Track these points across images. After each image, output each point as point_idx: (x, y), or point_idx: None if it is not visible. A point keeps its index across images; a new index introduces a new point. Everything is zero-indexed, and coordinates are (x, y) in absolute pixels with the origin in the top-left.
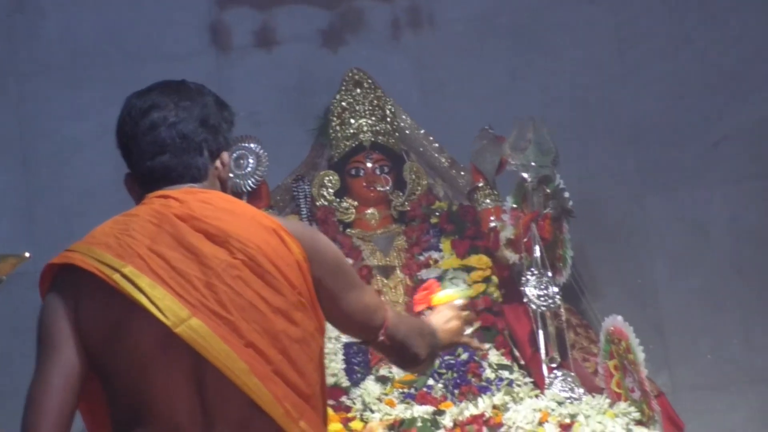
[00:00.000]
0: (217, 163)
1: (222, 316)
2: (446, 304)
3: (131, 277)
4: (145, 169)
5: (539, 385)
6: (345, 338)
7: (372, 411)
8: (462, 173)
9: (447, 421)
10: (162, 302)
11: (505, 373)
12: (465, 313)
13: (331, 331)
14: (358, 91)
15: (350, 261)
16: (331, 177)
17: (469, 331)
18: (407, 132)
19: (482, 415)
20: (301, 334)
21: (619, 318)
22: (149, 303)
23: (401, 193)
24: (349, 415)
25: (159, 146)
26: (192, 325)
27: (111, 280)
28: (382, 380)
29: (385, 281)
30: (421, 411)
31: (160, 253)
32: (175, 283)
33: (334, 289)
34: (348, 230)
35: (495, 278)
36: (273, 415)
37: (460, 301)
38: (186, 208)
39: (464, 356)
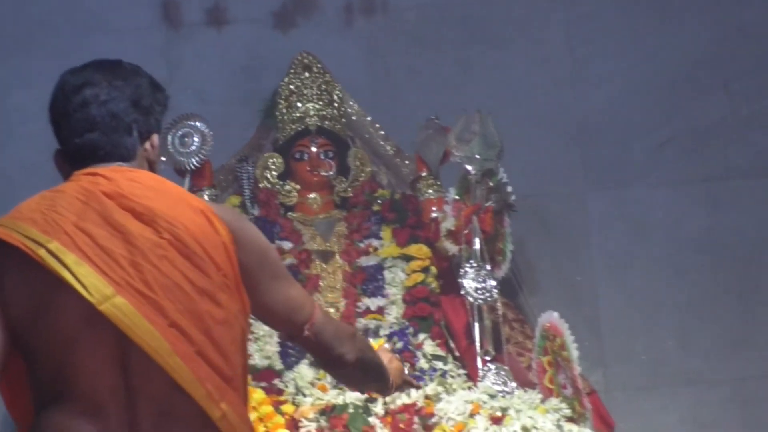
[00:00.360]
0: (147, 144)
1: (146, 295)
2: (381, 351)
3: (57, 253)
4: (74, 146)
5: (472, 377)
6: None
7: (304, 395)
8: (406, 162)
9: (378, 409)
10: (87, 279)
11: (439, 364)
12: (396, 356)
13: None
14: (307, 75)
15: (290, 245)
16: (275, 159)
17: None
18: (354, 118)
19: (414, 404)
20: (224, 316)
21: (555, 314)
22: (74, 280)
23: (344, 179)
24: (281, 398)
25: (88, 124)
26: (116, 303)
27: (36, 256)
28: (316, 365)
29: (324, 266)
30: (353, 398)
31: (86, 230)
32: (101, 261)
33: (259, 277)
34: (289, 213)
35: (434, 269)
36: (194, 396)
37: (386, 346)
38: (114, 186)
39: (399, 345)
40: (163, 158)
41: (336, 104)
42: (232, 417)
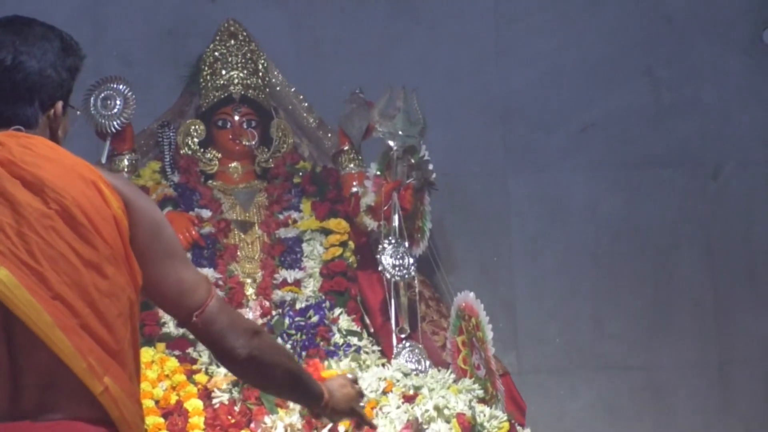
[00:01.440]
0: (51, 112)
1: (31, 266)
2: (338, 375)
3: None
4: None
5: (387, 354)
6: None
7: (218, 366)
8: (329, 135)
9: None
10: None
11: (354, 340)
12: (357, 386)
13: None
14: (233, 42)
15: (209, 213)
16: (197, 126)
17: (361, 403)
18: (278, 89)
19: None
20: (110, 288)
21: (471, 294)
22: None
23: (266, 150)
24: (194, 367)
25: None
26: None
27: None
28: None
29: (243, 236)
30: None
31: None
32: None
33: (150, 252)
34: (210, 182)
35: (352, 243)
36: (75, 369)
37: (350, 375)
38: (6, 152)
39: (315, 319)
40: (82, 117)
41: (260, 74)
42: (116, 391)
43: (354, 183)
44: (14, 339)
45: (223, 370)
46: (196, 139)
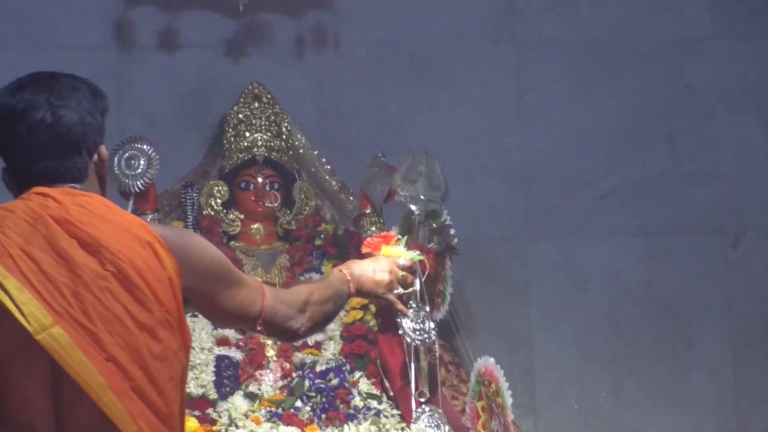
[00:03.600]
0: (95, 158)
1: (86, 326)
2: (390, 258)
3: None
4: (25, 172)
5: (406, 418)
6: (218, 350)
7: (237, 427)
8: (351, 198)
9: None
10: (26, 307)
11: (374, 403)
12: (402, 273)
13: (204, 342)
14: (257, 105)
15: None
16: (220, 187)
17: (400, 291)
18: (301, 151)
19: None
20: (163, 352)
21: (491, 360)
22: (14, 307)
23: (289, 212)
24: (214, 428)
25: (37, 150)
26: (53, 334)
27: None
28: (251, 397)
29: None
30: None
31: (31, 255)
32: (43, 288)
33: (211, 291)
34: (232, 243)
35: (373, 307)
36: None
37: (403, 261)
38: (63, 211)
39: (335, 381)
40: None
41: (284, 136)
42: None
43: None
44: (61, 395)
45: (242, 431)
46: (219, 200)
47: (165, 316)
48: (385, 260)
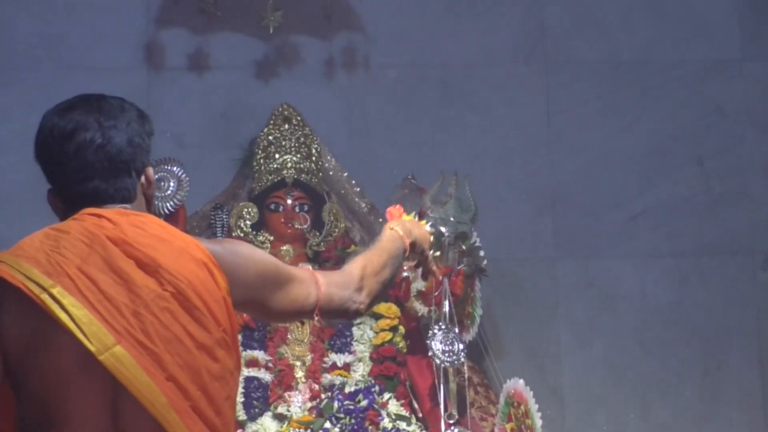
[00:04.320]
0: (143, 179)
1: (146, 346)
2: (415, 222)
3: (59, 297)
4: (74, 193)
5: None
6: (247, 372)
7: None
8: (380, 220)
9: None
10: (88, 327)
11: (403, 425)
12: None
13: None
14: (287, 126)
15: None
16: (250, 209)
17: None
18: (331, 173)
19: None
20: (221, 372)
21: (521, 381)
22: (75, 327)
23: (318, 233)
24: None
25: (87, 171)
26: (116, 354)
27: (38, 299)
28: (280, 418)
29: None
30: None
31: (89, 275)
32: (103, 308)
33: (262, 299)
34: None
35: (402, 328)
36: None
37: (428, 227)
38: (119, 232)
39: (364, 403)
40: None
41: (314, 158)
42: None
43: (404, 268)
44: (120, 415)
45: None
46: (248, 222)
47: (222, 336)
48: (413, 223)
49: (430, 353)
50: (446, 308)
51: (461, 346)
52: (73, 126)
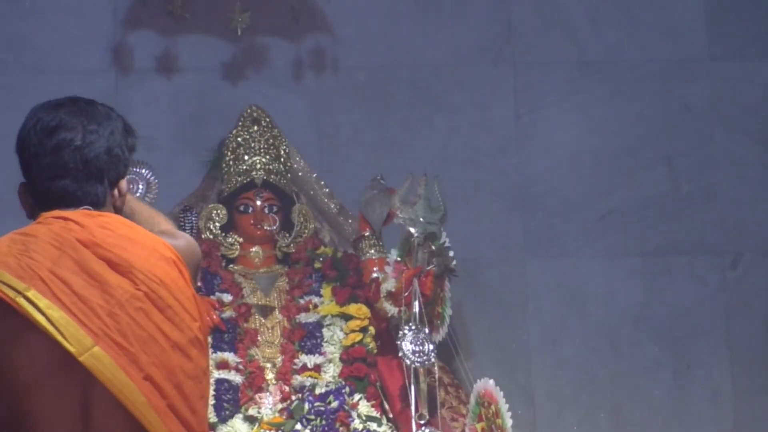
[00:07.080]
0: (115, 191)
1: (123, 346)
2: None
3: (34, 300)
4: (43, 189)
5: None
6: (217, 374)
7: None
8: (350, 221)
9: None
10: (66, 329)
11: (373, 425)
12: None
13: None
14: (255, 128)
15: (230, 297)
16: (219, 211)
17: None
18: (300, 174)
19: None
20: (194, 371)
21: (491, 382)
22: (54, 329)
23: (288, 235)
24: None
25: (60, 170)
26: (95, 354)
27: (14, 302)
28: (250, 420)
29: (263, 321)
30: None
31: (62, 278)
32: (78, 310)
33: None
34: (231, 266)
35: (372, 329)
36: None
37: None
38: (88, 234)
39: (334, 404)
40: None
41: (282, 159)
42: None
43: (374, 269)
44: (91, 417)
45: None
46: (217, 224)
47: (195, 334)
48: None
49: (400, 354)
50: (416, 309)
51: (431, 347)
52: (57, 123)
